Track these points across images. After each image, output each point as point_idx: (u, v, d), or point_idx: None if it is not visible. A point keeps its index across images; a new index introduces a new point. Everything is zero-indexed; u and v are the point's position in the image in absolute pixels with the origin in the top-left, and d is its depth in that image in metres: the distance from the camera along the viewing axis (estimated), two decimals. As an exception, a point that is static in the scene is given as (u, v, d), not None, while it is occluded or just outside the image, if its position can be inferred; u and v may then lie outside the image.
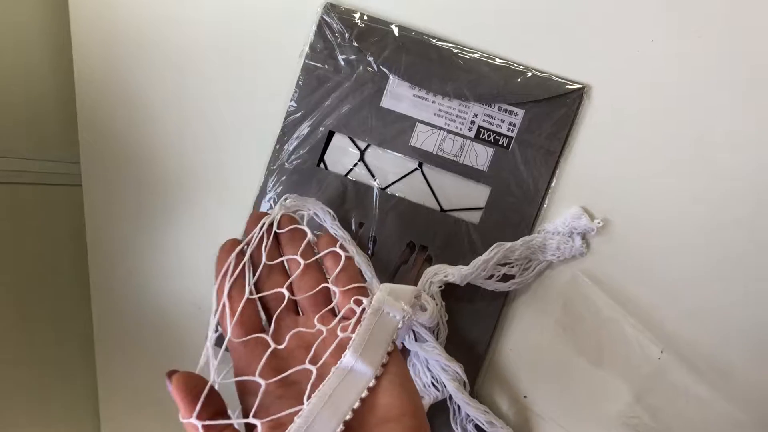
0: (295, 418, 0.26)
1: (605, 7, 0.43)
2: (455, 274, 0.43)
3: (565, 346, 0.45)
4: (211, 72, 0.49)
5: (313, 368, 0.28)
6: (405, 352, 0.45)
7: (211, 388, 0.27)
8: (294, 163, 0.47)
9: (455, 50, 0.45)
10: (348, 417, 0.26)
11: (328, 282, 0.34)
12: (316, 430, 0.25)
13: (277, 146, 0.48)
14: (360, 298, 0.32)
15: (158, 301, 0.53)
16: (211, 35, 0.49)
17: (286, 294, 0.33)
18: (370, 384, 0.28)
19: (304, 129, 0.47)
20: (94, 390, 0.56)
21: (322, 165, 0.47)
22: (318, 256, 0.35)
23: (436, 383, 0.44)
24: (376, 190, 0.46)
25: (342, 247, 0.34)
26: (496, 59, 0.44)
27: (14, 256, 0.51)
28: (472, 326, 0.46)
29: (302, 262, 0.34)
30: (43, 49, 0.53)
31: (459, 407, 0.44)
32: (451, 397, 0.44)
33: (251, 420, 0.26)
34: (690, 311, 0.43)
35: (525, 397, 0.46)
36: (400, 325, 0.30)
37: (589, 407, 0.44)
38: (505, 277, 0.44)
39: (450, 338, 0.45)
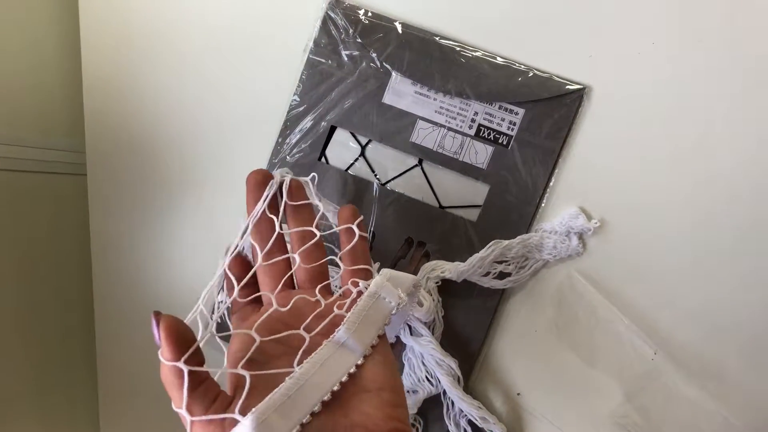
0: (287, 378, 0.26)
1: (607, 8, 0.43)
2: (452, 270, 0.43)
3: (559, 345, 0.45)
4: (217, 65, 0.50)
5: (307, 336, 0.29)
6: (400, 345, 0.45)
7: (196, 345, 0.26)
8: (296, 156, 0.48)
9: (457, 48, 0.45)
10: (336, 388, 0.27)
11: (335, 257, 0.34)
12: (304, 394, 0.26)
13: (279, 140, 0.48)
14: (358, 280, 0.32)
15: (160, 292, 0.54)
16: (217, 29, 0.50)
17: (297, 259, 0.34)
18: (358, 362, 0.28)
19: (306, 123, 0.47)
20: (94, 385, 0.57)
21: (323, 159, 0.48)
22: (334, 230, 0.36)
23: (430, 378, 0.44)
24: (375, 186, 0.47)
25: (360, 225, 0.35)
26: (498, 58, 0.45)
27: (18, 244, 0.52)
28: (467, 323, 0.46)
29: (317, 233, 0.34)
30: (51, 38, 0.54)
31: (453, 402, 0.45)
32: (445, 392, 0.44)
33: (240, 371, 0.26)
34: (685, 313, 0.43)
35: (518, 394, 0.46)
36: (394, 312, 0.31)
37: (581, 406, 0.44)
38: (502, 275, 0.45)
39: (445, 334, 0.45)
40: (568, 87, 0.44)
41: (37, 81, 0.53)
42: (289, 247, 0.35)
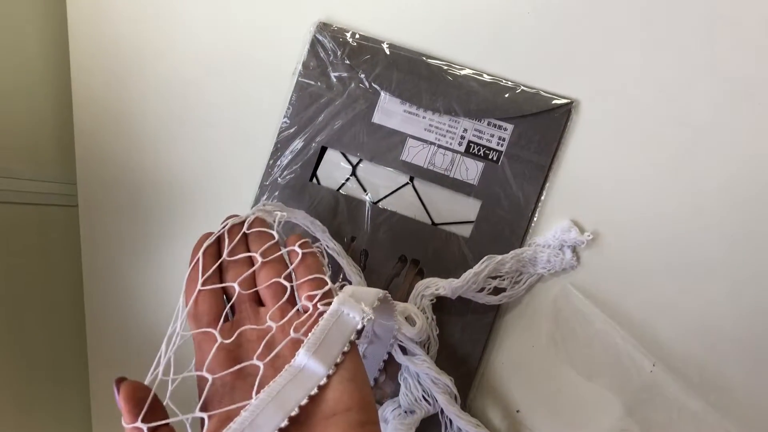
0: (242, 411, 0.27)
1: (590, 24, 0.44)
2: (446, 287, 0.43)
3: (556, 359, 0.45)
4: (207, 92, 0.50)
5: (260, 363, 0.29)
6: (397, 366, 0.45)
7: (155, 397, 0.28)
8: (287, 178, 0.48)
9: (445, 67, 0.46)
10: (294, 413, 0.27)
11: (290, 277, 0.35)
12: (259, 424, 0.26)
13: (270, 162, 0.48)
14: (313, 293, 0.32)
15: (153, 321, 0.53)
16: (207, 55, 0.50)
17: (237, 288, 0.34)
18: (321, 382, 0.28)
19: (297, 144, 0.48)
20: (88, 417, 0.56)
21: (314, 180, 0.48)
22: (282, 252, 0.36)
23: (427, 397, 0.44)
24: (368, 205, 0.47)
25: (304, 245, 0.35)
26: (485, 75, 0.45)
27: (9, 276, 0.51)
28: (463, 340, 0.46)
29: (260, 259, 0.35)
30: (42, 71, 0.54)
31: (451, 421, 0.44)
32: (442, 410, 0.44)
33: (198, 414, 0.27)
34: (681, 324, 0.43)
35: (518, 411, 0.45)
36: (359, 326, 0.30)
37: (581, 421, 0.44)
38: (496, 291, 0.44)
39: (441, 352, 0.45)
40: (555, 102, 0.44)
41: (28, 113, 0.53)
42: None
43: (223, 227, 0.37)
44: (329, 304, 0.31)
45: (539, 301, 0.45)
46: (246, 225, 0.37)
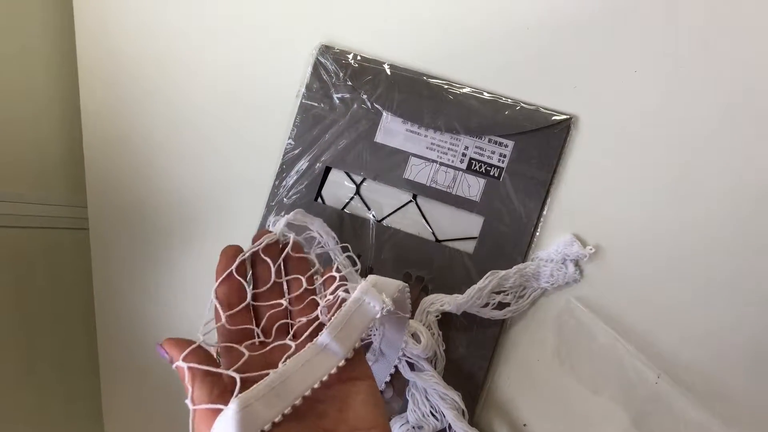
0: (271, 371, 0.28)
1: (588, 40, 0.45)
2: (451, 303, 0.44)
3: (562, 373, 0.45)
4: (213, 116, 0.51)
5: (293, 344, 0.31)
6: (403, 381, 0.45)
7: (198, 348, 0.29)
8: (293, 198, 0.49)
9: (445, 86, 0.47)
10: (316, 386, 0.28)
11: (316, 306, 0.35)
12: (286, 388, 0.28)
13: (276, 182, 0.49)
14: (344, 284, 0.34)
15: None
16: (213, 79, 0.51)
17: (285, 304, 0.35)
18: (340, 364, 0.30)
19: (302, 165, 0.49)
20: None
21: (319, 200, 0.49)
22: (318, 282, 0.36)
23: (434, 413, 0.44)
24: (372, 223, 0.48)
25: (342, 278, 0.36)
26: (485, 93, 0.46)
27: (22, 299, 0.52)
28: (469, 355, 0.46)
29: (304, 284, 0.35)
30: (51, 96, 0.55)
31: (459, 436, 0.44)
32: (450, 426, 0.44)
33: (231, 372, 0.28)
34: (685, 335, 0.43)
35: (524, 425, 0.46)
36: (378, 315, 0.32)
37: (588, 434, 0.44)
38: (501, 305, 0.45)
39: (448, 367, 0.46)
40: (555, 118, 0.45)
41: (37, 139, 0.54)
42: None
43: (261, 244, 0.36)
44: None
45: (543, 315, 0.46)
46: (289, 247, 0.37)
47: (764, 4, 0.42)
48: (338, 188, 0.49)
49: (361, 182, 0.48)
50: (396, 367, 0.44)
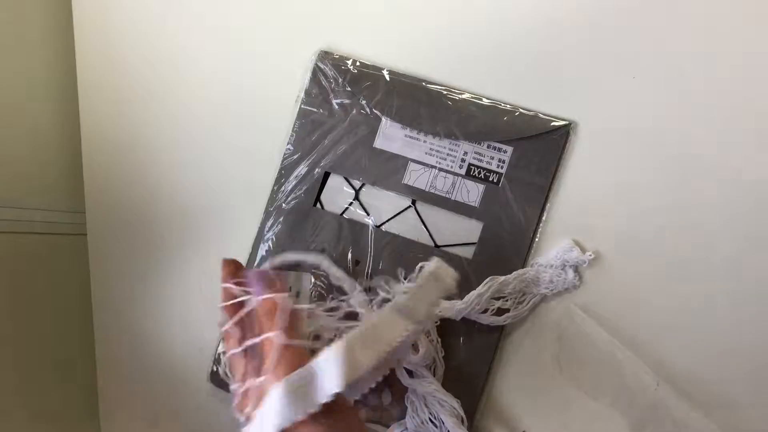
0: (359, 323, 0.31)
1: (586, 46, 0.45)
2: (450, 309, 0.44)
3: (561, 379, 0.45)
4: (212, 121, 0.52)
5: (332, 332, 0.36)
6: (402, 388, 0.45)
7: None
8: (291, 203, 0.49)
9: (444, 92, 0.47)
10: (389, 348, 0.31)
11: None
12: (375, 338, 0.31)
13: (275, 187, 0.49)
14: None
15: (161, 347, 0.54)
16: (212, 85, 0.51)
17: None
18: (412, 327, 0.33)
19: (301, 170, 0.49)
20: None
21: (318, 205, 0.49)
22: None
23: (434, 419, 0.44)
24: (371, 228, 0.48)
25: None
26: (484, 99, 0.46)
27: (19, 305, 0.52)
28: (469, 361, 0.46)
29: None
30: (50, 102, 0.55)
31: (458, 443, 0.44)
32: (449, 432, 0.44)
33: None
34: (686, 340, 0.43)
35: None
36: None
37: (588, 441, 0.44)
38: (500, 311, 0.45)
39: (447, 374, 0.45)
40: (554, 123, 0.45)
41: (36, 144, 0.54)
42: None
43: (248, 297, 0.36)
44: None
45: (543, 322, 0.46)
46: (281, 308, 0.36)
47: (764, 7, 0.42)
48: (337, 193, 0.49)
49: (360, 187, 0.48)
50: (394, 372, 0.44)
